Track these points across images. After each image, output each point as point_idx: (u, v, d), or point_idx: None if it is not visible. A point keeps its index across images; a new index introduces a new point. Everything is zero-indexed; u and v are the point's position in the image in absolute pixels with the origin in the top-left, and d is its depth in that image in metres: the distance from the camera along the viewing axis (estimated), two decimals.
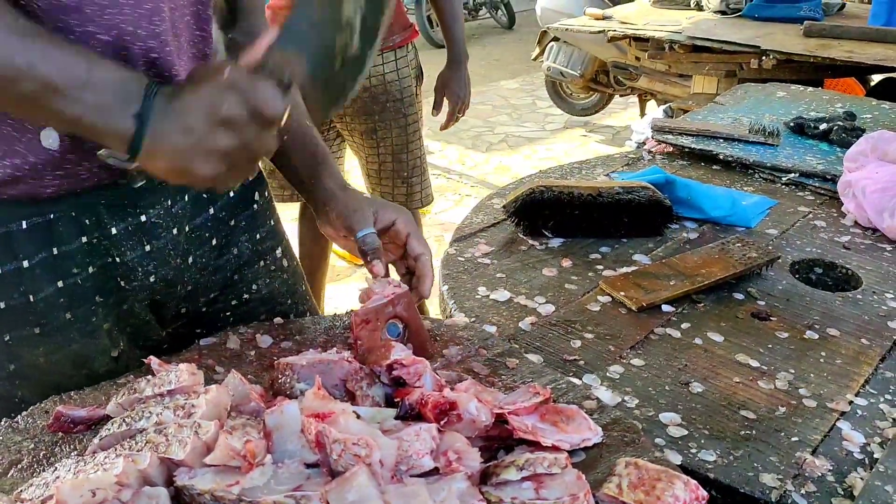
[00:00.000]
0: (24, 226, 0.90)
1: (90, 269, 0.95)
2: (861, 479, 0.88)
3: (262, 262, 1.14)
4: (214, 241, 1.07)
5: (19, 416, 0.87)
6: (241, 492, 0.67)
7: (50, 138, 0.86)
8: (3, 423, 0.86)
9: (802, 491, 0.87)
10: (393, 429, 0.76)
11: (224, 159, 0.76)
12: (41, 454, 0.81)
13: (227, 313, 1.12)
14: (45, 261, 0.92)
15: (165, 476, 0.71)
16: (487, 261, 1.39)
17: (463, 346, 1.01)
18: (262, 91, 0.75)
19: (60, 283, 0.93)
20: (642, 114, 5.25)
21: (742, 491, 0.87)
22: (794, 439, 0.95)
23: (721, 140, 1.93)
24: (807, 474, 0.90)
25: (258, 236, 1.14)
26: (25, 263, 0.91)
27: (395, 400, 0.84)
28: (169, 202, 1.00)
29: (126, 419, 0.78)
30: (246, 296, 1.13)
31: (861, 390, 1.06)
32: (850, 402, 1.03)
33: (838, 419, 1.00)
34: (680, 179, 1.60)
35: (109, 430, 0.78)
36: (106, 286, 0.96)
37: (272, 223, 1.18)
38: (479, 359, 0.98)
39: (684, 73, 4.03)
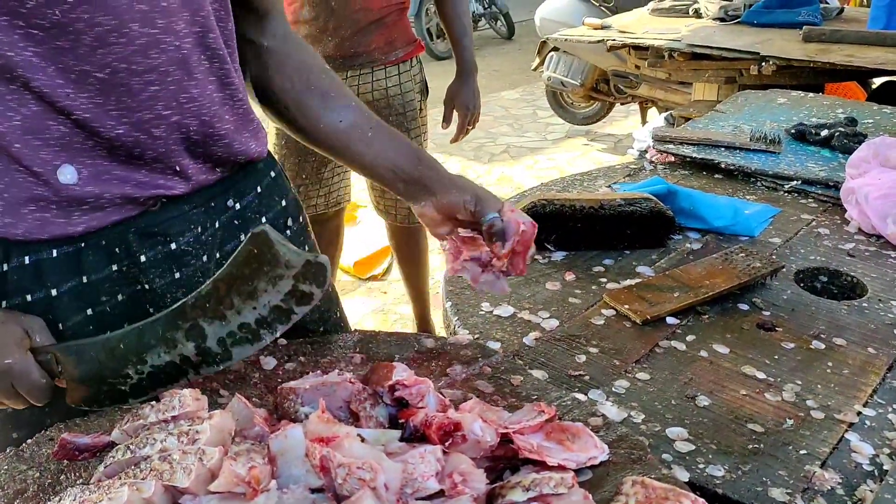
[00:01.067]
0: (55, 254, 0.91)
1: (119, 297, 0.95)
2: (871, 491, 0.88)
3: None
4: None
5: (24, 445, 0.87)
6: None
7: (66, 174, 0.87)
8: (8, 451, 0.86)
9: None
10: (398, 451, 0.76)
11: None
12: (46, 483, 0.81)
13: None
14: (74, 289, 0.92)
15: (171, 503, 0.71)
16: None
17: (467, 363, 1.01)
18: (27, 384, 0.86)
19: (90, 311, 0.94)
20: (644, 122, 5.25)
21: None
22: (802, 452, 0.95)
23: (722, 148, 1.93)
24: (816, 488, 0.89)
25: None
26: (54, 292, 0.92)
27: (400, 421, 0.84)
28: (199, 229, 1.00)
29: (130, 446, 0.78)
30: None
31: (869, 400, 1.05)
32: (859, 413, 1.02)
33: (847, 430, 0.99)
34: (682, 189, 1.60)
35: (114, 457, 0.78)
36: (135, 313, 0.95)
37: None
38: (484, 377, 0.98)
39: (685, 81, 4.03)
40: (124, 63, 0.85)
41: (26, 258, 0.90)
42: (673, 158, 1.94)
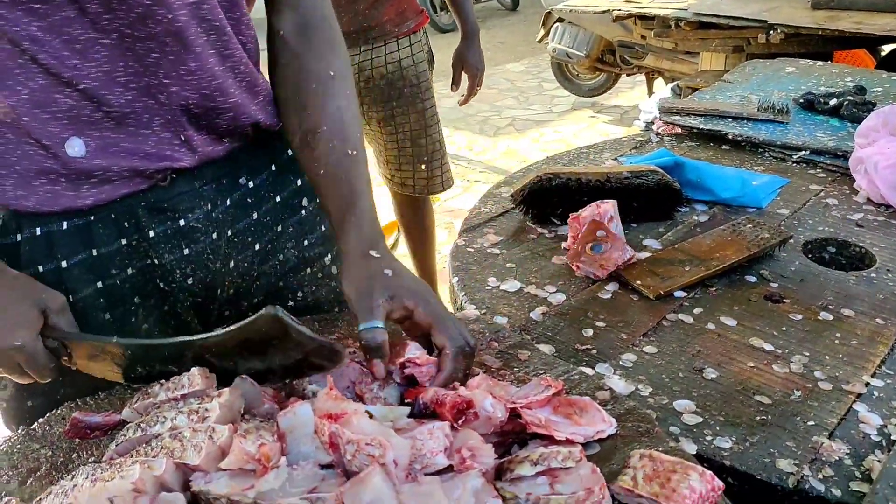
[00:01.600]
0: (65, 226, 0.91)
1: (129, 271, 0.96)
2: (879, 461, 0.88)
3: (308, 270, 1.12)
4: (258, 247, 1.06)
5: (36, 424, 0.88)
6: (256, 495, 0.68)
7: (74, 147, 0.88)
8: (20, 430, 0.87)
9: (820, 476, 0.87)
10: (406, 427, 0.76)
11: None
12: (59, 461, 0.82)
13: None
14: (84, 261, 0.93)
15: (181, 481, 0.72)
16: (497, 251, 1.38)
17: (474, 338, 1.01)
18: (34, 365, 0.87)
19: (100, 284, 0.95)
20: (650, 92, 5.21)
21: (758, 478, 0.87)
22: (810, 423, 0.95)
23: (730, 119, 1.91)
24: (824, 459, 0.89)
25: (306, 243, 1.11)
26: (65, 263, 0.93)
27: (406, 401, 0.84)
28: (209, 206, 0.99)
29: (141, 424, 0.79)
30: (291, 303, 1.11)
31: (877, 371, 1.05)
32: (867, 384, 1.02)
33: (855, 401, 0.99)
34: (689, 161, 1.59)
35: (125, 435, 0.79)
36: (146, 288, 0.97)
37: (323, 228, 1.14)
38: (491, 352, 0.98)
39: (691, 51, 3.99)
40: (129, 29, 0.85)
41: (38, 229, 0.91)
42: (680, 130, 1.92)
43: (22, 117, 0.84)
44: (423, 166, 2.51)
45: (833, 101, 1.95)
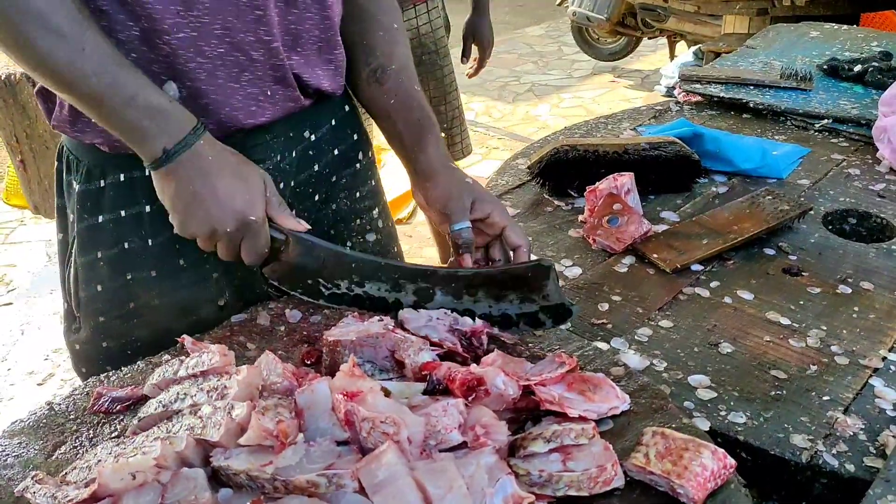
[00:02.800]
0: (147, 172, 0.93)
1: None
2: (894, 437, 0.88)
3: (357, 221, 1.18)
4: (317, 197, 1.12)
5: (60, 399, 0.90)
6: (274, 471, 0.69)
7: (170, 91, 0.92)
8: (45, 405, 0.89)
9: (834, 451, 0.87)
10: (421, 404, 0.77)
11: (209, 241, 0.92)
12: (83, 435, 0.84)
13: None
14: (162, 208, 0.95)
15: (202, 457, 0.74)
16: None
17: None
18: (253, 246, 0.92)
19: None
20: (672, 56, 5.12)
21: (772, 453, 0.87)
22: (825, 398, 0.95)
23: (751, 87, 1.88)
24: (838, 434, 0.90)
25: (357, 195, 1.17)
26: (148, 208, 0.99)
27: (423, 373, 0.85)
28: (278, 157, 1.04)
29: (162, 401, 0.81)
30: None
31: (895, 345, 1.04)
32: (884, 359, 1.02)
33: (871, 376, 0.99)
34: (708, 131, 1.57)
35: (147, 411, 0.81)
36: None
37: (373, 183, 1.21)
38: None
39: (714, 13, 3.92)
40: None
41: (121, 175, 0.98)
42: (700, 98, 1.89)
43: (131, 53, 0.89)
44: (441, 134, 2.50)
45: (857, 68, 1.91)
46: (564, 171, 1.43)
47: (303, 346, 0.97)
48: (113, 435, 0.83)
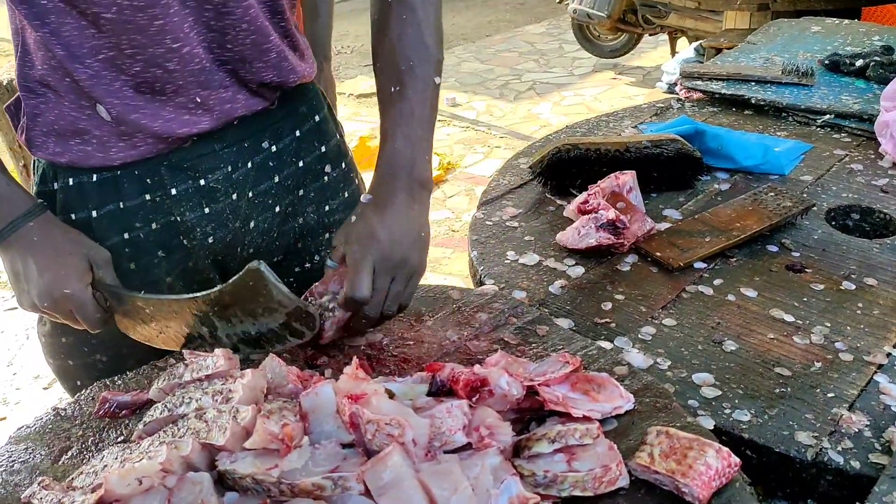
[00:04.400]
0: (94, 178, 0.99)
1: (153, 226, 1.02)
2: None
3: (327, 234, 1.16)
4: (278, 209, 1.10)
5: (66, 404, 0.90)
6: (280, 474, 0.70)
7: (102, 112, 0.94)
8: (51, 410, 0.90)
9: (839, 448, 0.87)
10: (425, 406, 0.78)
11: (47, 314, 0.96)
12: (89, 440, 0.85)
13: (291, 279, 1.15)
14: (111, 213, 1.00)
15: (208, 461, 0.74)
16: (515, 224, 1.38)
17: (493, 314, 1.02)
18: (82, 314, 0.94)
19: (126, 235, 1.01)
20: (673, 53, 5.11)
21: (777, 450, 0.87)
22: (829, 395, 0.95)
23: (753, 83, 1.88)
24: (843, 430, 0.89)
25: (327, 208, 1.16)
26: (94, 213, 1.00)
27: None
28: (229, 168, 1.04)
29: (168, 405, 0.81)
30: (308, 264, 1.16)
31: None
32: (888, 355, 1.01)
33: (875, 372, 0.99)
34: (710, 128, 1.57)
35: (152, 416, 0.81)
36: (170, 243, 1.02)
37: (346, 195, 1.18)
38: (509, 328, 0.99)
39: (715, 9, 3.91)
40: (127, 0, 0.87)
41: (70, 180, 0.99)
42: (701, 95, 1.89)
43: (60, 81, 0.92)
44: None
45: (859, 62, 1.91)
46: (566, 169, 1.43)
47: (307, 350, 0.97)
48: (119, 440, 0.83)
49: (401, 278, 0.93)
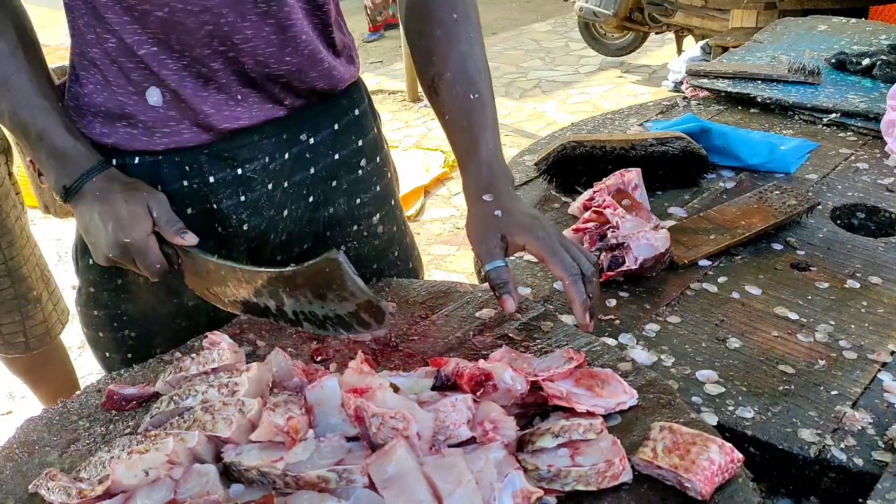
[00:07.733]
0: (137, 161, 1.01)
1: (189, 211, 1.03)
2: None
3: (355, 227, 1.17)
4: (311, 199, 1.12)
5: (73, 396, 0.91)
6: (285, 467, 0.70)
7: (154, 97, 0.98)
8: (58, 403, 0.90)
9: (842, 445, 0.87)
10: (430, 400, 0.78)
11: (118, 263, 0.97)
12: (96, 433, 0.85)
13: None
14: None
15: (214, 453, 0.75)
16: None
17: (497, 310, 1.02)
18: (144, 263, 0.95)
19: None
20: (679, 51, 5.12)
21: (780, 447, 0.87)
22: (833, 393, 0.95)
23: (759, 81, 1.88)
24: (846, 428, 0.90)
25: (357, 201, 1.17)
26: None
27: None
28: (266, 159, 1.05)
29: (174, 398, 0.81)
30: None
31: None
32: (892, 353, 1.01)
33: (879, 370, 0.99)
34: (716, 127, 1.57)
35: (159, 408, 0.82)
36: (205, 230, 1.02)
37: (378, 189, 1.20)
38: (514, 323, 0.99)
39: (722, 7, 3.90)
40: (181, 3, 0.90)
41: (114, 160, 1.01)
42: (707, 93, 1.89)
43: (112, 64, 0.96)
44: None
45: (866, 61, 1.91)
46: (572, 167, 1.43)
47: (312, 343, 0.98)
48: (125, 432, 0.84)
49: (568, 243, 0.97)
